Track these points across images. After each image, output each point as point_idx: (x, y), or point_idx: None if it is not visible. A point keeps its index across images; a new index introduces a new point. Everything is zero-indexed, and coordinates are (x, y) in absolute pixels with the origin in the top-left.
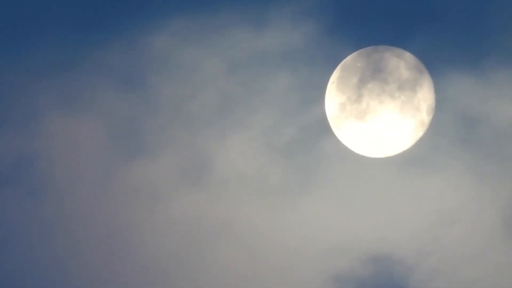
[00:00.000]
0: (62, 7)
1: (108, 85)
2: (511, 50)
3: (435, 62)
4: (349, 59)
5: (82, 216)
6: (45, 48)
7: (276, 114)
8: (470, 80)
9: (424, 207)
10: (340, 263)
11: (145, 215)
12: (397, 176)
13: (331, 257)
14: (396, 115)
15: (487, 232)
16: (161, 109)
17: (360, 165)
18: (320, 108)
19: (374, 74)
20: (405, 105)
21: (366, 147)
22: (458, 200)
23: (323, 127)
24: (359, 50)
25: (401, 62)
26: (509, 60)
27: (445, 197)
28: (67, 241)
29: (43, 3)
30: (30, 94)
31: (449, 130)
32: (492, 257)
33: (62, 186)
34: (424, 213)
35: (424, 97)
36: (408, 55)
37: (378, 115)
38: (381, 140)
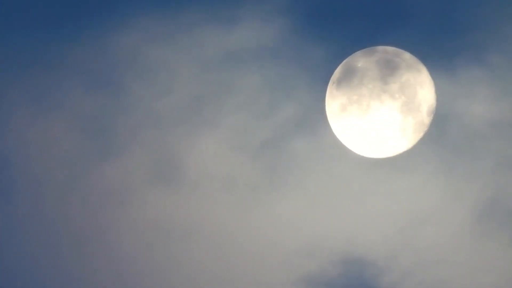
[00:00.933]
0: (28, 5)
1: (77, 84)
2: (481, 48)
3: None
4: (350, 59)
5: (51, 217)
6: (12, 47)
7: (247, 113)
8: (440, 79)
9: (395, 207)
10: (310, 264)
11: (115, 216)
12: (369, 176)
13: (301, 258)
14: (397, 115)
15: (458, 232)
16: (130, 109)
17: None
18: (291, 107)
19: (374, 75)
20: (406, 106)
21: (365, 147)
22: (429, 200)
23: (295, 127)
24: (360, 51)
25: (402, 63)
26: (479, 58)
27: (416, 197)
28: (35, 243)
29: (8, 0)
30: None
31: None
32: (463, 257)
33: (30, 187)
34: (395, 214)
35: (425, 98)
36: (409, 56)
37: (379, 116)
38: (381, 141)
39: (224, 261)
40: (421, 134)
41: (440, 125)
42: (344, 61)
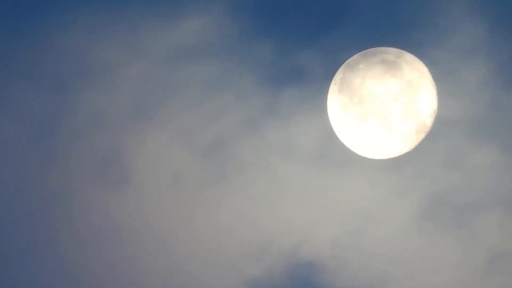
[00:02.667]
0: None
1: (19, 83)
2: (423, 46)
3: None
4: (351, 60)
5: None
6: None
7: (194, 113)
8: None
9: (343, 207)
10: (257, 268)
11: (60, 218)
12: (317, 176)
13: (247, 261)
14: (398, 116)
15: (405, 230)
16: (74, 108)
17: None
18: (238, 107)
19: (376, 76)
20: (407, 107)
21: (365, 149)
22: (376, 199)
23: (242, 127)
24: (362, 51)
25: (403, 64)
26: (424, 55)
27: (363, 196)
28: None
29: None
30: None
31: None
32: (411, 255)
33: None
34: (342, 214)
35: (426, 99)
36: (410, 57)
37: (380, 117)
38: (382, 142)
39: (169, 263)
40: (422, 136)
41: None
42: (346, 62)
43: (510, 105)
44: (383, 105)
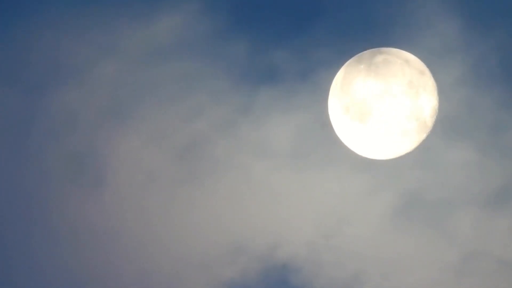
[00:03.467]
0: None
1: None
2: (398, 45)
3: (325, 56)
4: (352, 60)
5: None
6: None
7: (170, 114)
8: (364, 76)
9: (317, 207)
10: (231, 270)
11: (35, 222)
12: (291, 176)
13: (221, 263)
14: (399, 117)
15: (380, 229)
16: (47, 109)
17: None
18: (215, 108)
19: (377, 76)
20: (408, 108)
21: (367, 149)
22: (349, 198)
23: (218, 128)
24: (363, 52)
25: (404, 64)
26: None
27: (337, 195)
28: None
29: None
30: None
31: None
32: (386, 254)
33: None
34: (316, 214)
35: (428, 99)
36: (412, 58)
37: (381, 118)
38: (384, 142)
39: (143, 264)
40: (423, 136)
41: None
42: (347, 63)
43: (484, 104)
44: (384, 105)
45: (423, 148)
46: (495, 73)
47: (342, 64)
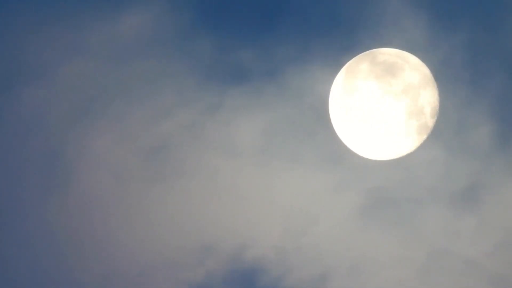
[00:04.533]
0: None
1: None
2: (364, 43)
3: (291, 54)
4: (353, 61)
5: None
6: None
7: (137, 115)
8: (328, 74)
9: (284, 207)
10: (198, 272)
11: (6, 226)
12: (258, 176)
13: (189, 265)
14: (400, 118)
15: (346, 226)
16: (15, 111)
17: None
18: (182, 109)
19: (378, 77)
20: (409, 108)
21: (368, 149)
22: (316, 196)
23: (186, 129)
24: (364, 53)
25: (405, 65)
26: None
27: (302, 193)
28: None
29: None
30: None
31: (301, 120)
32: (352, 251)
33: None
34: (283, 214)
35: (428, 100)
36: (413, 58)
37: (382, 118)
38: (385, 143)
39: (109, 266)
40: (424, 136)
41: (325, 120)
42: (348, 64)
43: (451, 103)
44: (385, 106)
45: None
46: (461, 72)
47: (308, 63)
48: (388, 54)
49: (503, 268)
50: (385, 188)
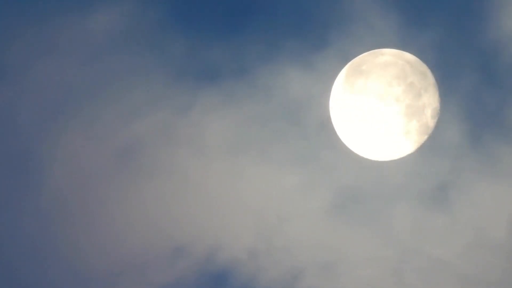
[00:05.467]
0: None
1: None
2: (336, 45)
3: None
4: (354, 61)
5: None
6: None
7: (108, 115)
8: (299, 72)
9: (254, 206)
10: (168, 275)
11: None
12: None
13: (158, 268)
14: (401, 118)
15: (317, 224)
16: None
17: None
18: (154, 109)
19: (379, 77)
20: (410, 109)
21: (369, 150)
22: (285, 194)
23: (157, 129)
24: (365, 53)
25: (406, 65)
26: (336, 54)
27: (273, 191)
28: None
29: None
30: None
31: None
32: (326, 250)
33: None
34: (254, 213)
35: (429, 101)
36: (413, 59)
37: (383, 119)
38: (386, 144)
39: (77, 267)
40: (425, 137)
41: (298, 118)
42: (349, 64)
43: None
44: (386, 106)
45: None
46: (432, 70)
47: (278, 61)
48: (388, 54)
49: (474, 268)
50: (355, 186)
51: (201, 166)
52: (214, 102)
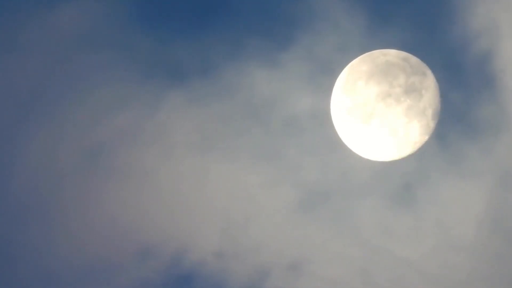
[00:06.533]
0: None
1: None
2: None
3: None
4: (355, 62)
5: None
6: None
7: (75, 118)
8: (264, 71)
9: (220, 206)
10: (133, 277)
11: None
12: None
13: (124, 270)
14: (402, 119)
15: (283, 223)
16: None
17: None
18: (121, 110)
19: (380, 78)
20: (411, 109)
21: (370, 151)
22: (250, 193)
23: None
24: (365, 54)
25: (407, 66)
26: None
27: (237, 191)
28: None
29: None
30: None
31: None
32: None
33: None
34: (220, 213)
35: (430, 102)
36: (414, 59)
37: (384, 119)
38: (386, 144)
39: (39, 268)
40: (426, 137)
41: (264, 116)
42: (350, 64)
43: None
44: (387, 107)
45: (325, 141)
46: None
47: (243, 60)
48: (389, 55)
49: (440, 268)
50: (320, 183)
51: (168, 167)
52: (180, 101)
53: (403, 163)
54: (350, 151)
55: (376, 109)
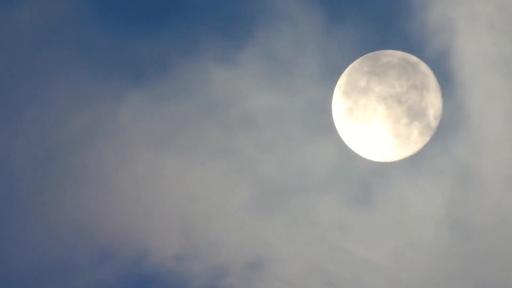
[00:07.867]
0: None
1: None
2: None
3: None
4: (355, 63)
5: None
6: None
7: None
8: (222, 69)
9: (179, 206)
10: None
11: None
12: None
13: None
14: (403, 119)
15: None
16: None
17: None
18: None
19: (380, 79)
20: (412, 110)
21: (370, 151)
22: (208, 189)
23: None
24: (366, 55)
25: (407, 67)
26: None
27: (195, 189)
28: None
29: None
30: None
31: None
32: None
33: None
34: (179, 214)
35: (431, 102)
36: (414, 59)
37: (384, 120)
38: (387, 145)
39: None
40: (427, 138)
41: (221, 114)
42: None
43: None
44: (387, 107)
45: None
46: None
47: (201, 58)
48: (390, 55)
49: (401, 269)
50: (277, 179)
51: (126, 167)
52: (138, 100)
53: (363, 161)
54: (310, 147)
55: (377, 110)
